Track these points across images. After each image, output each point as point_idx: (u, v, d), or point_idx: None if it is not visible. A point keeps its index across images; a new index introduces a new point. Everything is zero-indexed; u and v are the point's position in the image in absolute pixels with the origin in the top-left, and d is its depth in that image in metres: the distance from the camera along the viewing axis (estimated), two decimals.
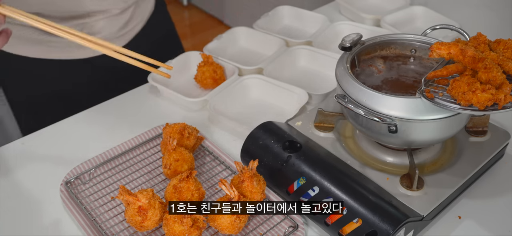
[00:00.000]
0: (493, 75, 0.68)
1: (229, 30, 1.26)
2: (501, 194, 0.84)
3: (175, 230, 0.72)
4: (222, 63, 1.12)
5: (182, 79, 1.14)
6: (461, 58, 0.70)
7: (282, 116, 1.00)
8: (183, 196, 0.77)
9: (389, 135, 0.76)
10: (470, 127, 0.88)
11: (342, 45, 0.83)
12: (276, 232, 0.77)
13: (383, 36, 0.88)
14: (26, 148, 0.97)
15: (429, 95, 0.71)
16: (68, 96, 1.12)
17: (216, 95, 1.04)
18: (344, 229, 0.74)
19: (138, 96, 1.11)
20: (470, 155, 0.84)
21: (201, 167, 0.90)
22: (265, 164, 0.85)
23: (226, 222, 0.74)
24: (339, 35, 1.24)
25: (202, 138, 0.92)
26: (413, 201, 0.75)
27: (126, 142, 0.93)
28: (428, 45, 0.85)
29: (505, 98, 0.67)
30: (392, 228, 0.70)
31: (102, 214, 0.81)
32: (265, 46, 1.23)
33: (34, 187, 0.88)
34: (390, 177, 0.80)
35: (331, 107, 0.93)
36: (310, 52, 1.17)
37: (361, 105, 0.75)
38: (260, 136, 0.88)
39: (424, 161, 0.83)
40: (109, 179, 0.87)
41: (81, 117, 1.05)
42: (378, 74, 0.84)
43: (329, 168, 0.81)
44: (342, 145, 0.87)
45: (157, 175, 0.88)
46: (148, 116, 1.05)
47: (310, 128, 0.90)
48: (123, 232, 0.78)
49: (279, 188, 0.82)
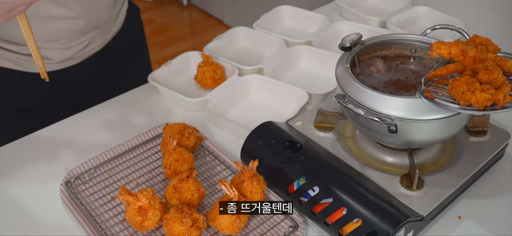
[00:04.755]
0: (494, 77, 0.68)
1: (229, 30, 1.26)
2: (501, 194, 0.84)
3: (175, 230, 0.72)
4: (222, 63, 1.12)
5: (182, 79, 1.14)
6: (462, 58, 0.70)
7: (282, 116, 1.00)
8: (183, 196, 0.77)
9: (389, 135, 0.76)
10: (470, 127, 0.88)
11: (342, 45, 0.83)
12: (276, 232, 0.77)
13: (383, 36, 0.88)
14: (26, 148, 0.97)
15: (429, 95, 0.71)
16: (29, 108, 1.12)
17: (216, 95, 1.04)
18: (344, 229, 0.74)
19: (138, 96, 1.11)
20: (470, 155, 0.84)
21: (201, 167, 0.90)
22: (265, 164, 0.85)
23: (226, 222, 0.74)
24: (339, 35, 1.24)
25: (202, 138, 0.92)
26: (413, 201, 0.75)
27: (126, 142, 0.93)
28: (428, 45, 0.85)
29: (504, 98, 0.67)
30: (392, 228, 0.70)
31: (102, 214, 0.81)
32: (265, 46, 1.23)
33: (34, 187, 0.88)
34: (390, 177, 0.80)
35: (331, 107, 0.93)
36: (310, 52, 1.17)
37: (361, 105, 0.75)
38: (260, 136, 0.88)
39: (424, 161, 0.83)
40: (109, 179, 0.87)
41: (81, 117, 1.05)
42: (378, 74, 0.84)
43: (329, 168, 0.81)
44: (342, 145, 0.87)
45: (157, 175, 0.88)
46: (148, 116, 1.05)
47: (310, 128, 0.90)
48: (123, 232, 0.78)
49: (279, 188, 0.82)
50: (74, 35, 1.06)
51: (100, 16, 1.08)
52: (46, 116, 1.05)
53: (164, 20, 3.43)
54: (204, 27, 3.34)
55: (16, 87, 1.09)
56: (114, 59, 1.19)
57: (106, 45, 1.15)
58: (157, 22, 3.40)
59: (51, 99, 1.13)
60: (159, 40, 3.19)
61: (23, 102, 1.11)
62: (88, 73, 1.15)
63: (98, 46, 1.14)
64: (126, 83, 1.15)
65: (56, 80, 1.10)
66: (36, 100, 1.11)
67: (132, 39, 1.25)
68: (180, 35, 3.28)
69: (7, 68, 1.06)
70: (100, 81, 1.18)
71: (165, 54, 3.02)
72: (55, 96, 1.13)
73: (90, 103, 1.08)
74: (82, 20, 1.04)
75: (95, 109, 1.07)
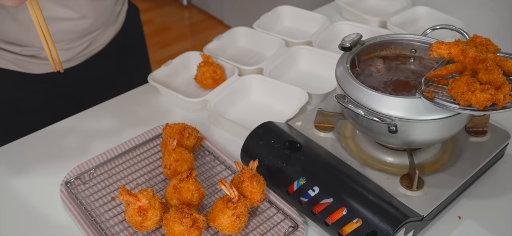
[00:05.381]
0: (494, 77, 0.68)
1: (229, 30, 1.26)
2: (501, 194, 0.84)
3: (175, 230, 0.72)
4: (222, 63, 1.12)
5: (182, 79, 1.14)
6: (462, 58, 0.70)
7: (282, 116, 1.00)
8: (183, 196, 0.77)
9: (389, 135, 0.76)
10: (470, 127, 0.88)
11: (342, 45, 0.83)
12: (276, 232, 0.78)
13: (383, 36, 0.88)
14: (26, 148, 0.97)
15: (429, 95, 0.71)
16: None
17: (216, 95, 1.04)
18: (344, 229, 0.74)
19: (138, 96, 1.11)
20: (470, 155, 0.84)
21: (201, 167, 0.90)
22: (265, 164, 0.85)
23: (226, 222, 0.74)
24: (339, 35, 1.24)
25: (202, 138, 0.92)
26: (413, 201, 0.75)
27: (126, 142, 0.93)
28: (428, 45, 0.85)
29: (504, 98, 0.67)
30: (392, 228, 0.70)
31: (102, 214, 0.81)
32: (265, 46, 1.23)
33: (34, 187, 0.88)
34: (390, 177, 0.80)
35: (331, 107, 0.93)
36: (310, 52, 1.17)
37: (361, 105, 0.75)
38: (260, 136, 0.88)
39: (424, 161, 0.83)
40: (109, 179, 0.87)
41: (81, 117, 1.05)
42: (378, 74, 0.84)
43: (329, 168, 0.81)
44: (342, 145, 0.87)
45: (157, 175, 0.88)
46: (148, 116, 1.05)
47: (310, 128, 0.90)
48: (123, 232, 0.78)
49: (279, 188, 0.82)
50: (76, 36, 1.06)
51: (102, 17, 1.09)
52: (46, 117, 1.05)
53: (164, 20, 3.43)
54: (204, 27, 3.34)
55: (17, 88, 1.09)
56: (114, 60, 1.19)
57: (106, 45, 1.16)
58: (157, 22, 3.40)
59: (51, 100, 1.13)
60: (159, 40, 3.19)
61: (24, 102, 1.11)
62: (88, 74, 1.15)
63: (98, 47, 1.14)
64: (126, 83, 1.15)
65: (56, 81, 1.11)
66: (36, 100, 1.11)
67: (132, 39, 1.26)
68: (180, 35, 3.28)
69: (7, 69, 1.06)
70: (100, 82, 1.18)
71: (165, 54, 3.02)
72: (55, 96, 1.13)
73: (90, 104, 1.08)
74: (85, 21, 1.05)
75: (95, 109, 1.07)
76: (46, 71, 1.09)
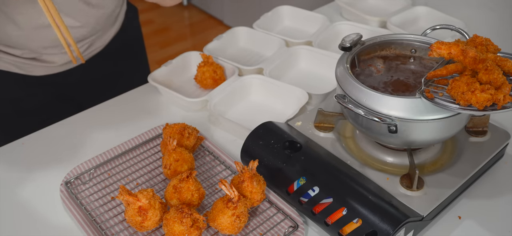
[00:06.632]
0: (494, 77, 0.68)
1: (229, 30, 1.26)
2: (501, 194, 0.84)
3: (175, 230, 0.72)
4: (222, 63, 1.12)
5: (182, 79, 1.14)
6: (462, 58, 0.70)
7: (282, 116, 1.00)
8: (183, 196, 0.77)
9: (389, 135, 0.76)
10: (470, 127, 0.88)
11: (342, 45, 0.83)
12: (276, 232, 0.78)
13: (383, 36, 0.88)
14: (26, 148, 0.97)
15: (429, 95, 0.71)
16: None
17: (216, 95, 1.04)
18: (344, 229, 0.74)
19: (138, 96, 1.11)
20: (470, 155, 0.84)
21: (201, 167, 0.90)
22: (265, 164, 0.85)
23: (226, 222, 0.74)
24: (339, 35, 1.24)
25: (202, 138, 0.92)
26: (413, 201, 0.75)
27: (126, 142, 0.93)
28: (428, 45, 0.85)
29: (504, 98, 0.67)
30: (392, 228, 0.70)
31: (102, 214, 0.81)
32: (265, 46, 1.23)
33: (34, 187, 0.88)
34: (390, 177, 0.80)
35: (331, 107, 0.93)
36: (310, 52, 1.17)
37: (361, 105, 0.75)
38: (260, 136, 0.88)
39: (424, 161, 0.83)
40: (109, 179, 0.87)
41: (81, 117, 1.05)
42: (378, 74, 0.84)
43: (329, 168, 0.81)
44: (342, 145, 0.87)
45: (157, 175, 0.88)
46: (148, 116, 1.05)
47: (310, 128, 0.90)
48: (123, 232, 0.78)
49: (279, 188, 0.82)
50: (76, 41, 1.06)
51: (102, 22, 1.09)
52: (47, 118, 1.05)
53: (164, 20, 3.43)
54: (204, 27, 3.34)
55: (18, 89, 1.10)
56: (113, 61, 1.20)
57: (105, 46, 1.16)
58: (157, 22, 3.40)
59: (51, 101, 1.13)
60: (159, 40, 3.19)
61: (24, 103, 1.11)
62: (87, 75, 1.15)
63: (97, 48, 1.14)
64: (125, 84, 1.16)
65: (56, 82, 1.11)
66: (36, 101, 1.12)
67: (131, 40, 1.26)
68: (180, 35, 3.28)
69: (9, 72, 1.06)
70: (100, 83, 1.18)
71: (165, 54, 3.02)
72: (55, 97, 1.14)
73: (90, 104, 1.08)
74: (85, 29, 1.05)
75: (95, 109, 1.07)
76: (47, 73, 1.09)
